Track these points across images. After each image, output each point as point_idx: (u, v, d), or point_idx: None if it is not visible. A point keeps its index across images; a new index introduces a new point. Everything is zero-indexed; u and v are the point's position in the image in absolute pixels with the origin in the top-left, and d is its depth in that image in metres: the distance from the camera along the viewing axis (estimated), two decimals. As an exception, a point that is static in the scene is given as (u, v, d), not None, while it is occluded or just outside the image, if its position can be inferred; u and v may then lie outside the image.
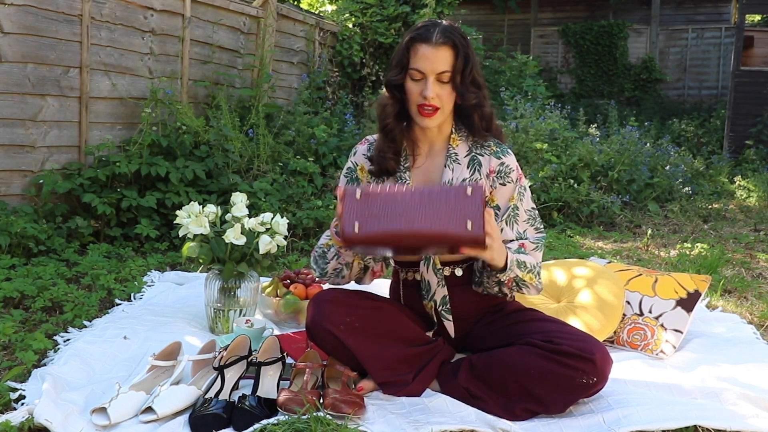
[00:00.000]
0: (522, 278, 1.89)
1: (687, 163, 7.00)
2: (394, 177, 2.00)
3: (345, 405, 1.74)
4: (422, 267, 2.01)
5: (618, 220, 5.24)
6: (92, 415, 1.75)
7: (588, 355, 1.79)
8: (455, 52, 1.86)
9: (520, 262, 1.87)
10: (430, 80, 1.87)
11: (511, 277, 1.88)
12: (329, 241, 1.98)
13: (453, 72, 1.87)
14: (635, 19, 12.36)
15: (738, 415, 1.81)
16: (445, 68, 1.86)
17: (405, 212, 1.71)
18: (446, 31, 1.87)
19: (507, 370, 1.85)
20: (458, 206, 1.71)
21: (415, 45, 1.89)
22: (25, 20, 3.72)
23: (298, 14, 6.58)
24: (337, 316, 1.90)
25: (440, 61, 1.86)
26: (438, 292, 2.01)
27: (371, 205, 1.73)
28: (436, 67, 1.86)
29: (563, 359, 1.79)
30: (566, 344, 1.81)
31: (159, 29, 4.68)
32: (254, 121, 5.04)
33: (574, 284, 2.49)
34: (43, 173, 3.82)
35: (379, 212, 1.72)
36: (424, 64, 1.87)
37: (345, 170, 2.12)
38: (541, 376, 1.80)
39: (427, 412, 1.81)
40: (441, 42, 1.86)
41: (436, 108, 1.89)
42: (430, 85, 1.87)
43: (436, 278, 2.00)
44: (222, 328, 2.47)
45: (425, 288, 2.02)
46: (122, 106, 4.41)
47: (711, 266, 3.60)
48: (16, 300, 2.75)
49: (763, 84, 9.02)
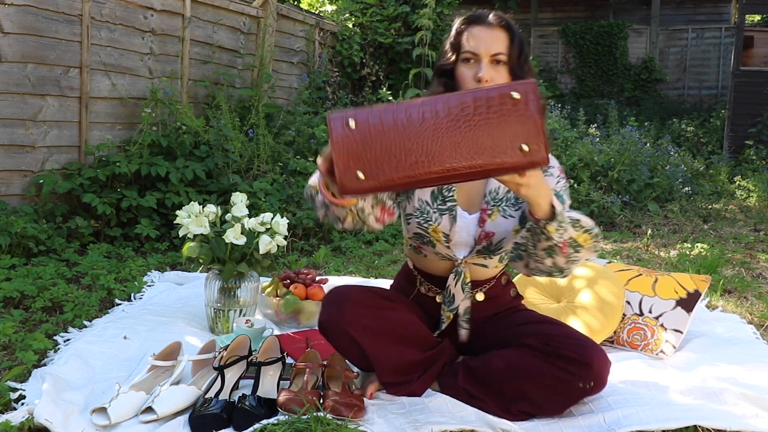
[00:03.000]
0: (576, 239, 1.67)
1: (687, 163, 7.00)
2: None
3: (345, 408, 1.74)
4: (450, 281, 1.92)
5: (618, 220, 5.24)
6: (92, 415, 1.75)
7: (586, 359, 1.75)
8: (510, 35, 1.79)
9: (573, 219, 1.68)
10: (485, 62, 1.77)
11: (566, 239, 1.65)
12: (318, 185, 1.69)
13: (509, 55, 1.78)
14: (635, 19, 12.36)
15: (738, 415, 1.81)
16: (500, 50, 1.77)
17: (428, 141, 1.34)
18: (501, 16, 1.81)
19: (504, 372, 1.83)
20: (504, 121, 1.35)
21: (468, 27, 1.81)
22: (25, 20, 3.72)
23: (298, 14, 6.58)
24: (355, 317, 1.84)
25: (496, 42, 1.77)
26: (462, 305, 1.94)
27: (376, 137, 1.37)
28: (491, 48, 1.77)
29: (561, 363, 1.77)
30: (564, 348, 1.77)
31: (159, 29, 4.68)
32: (254, 121, 5.04)
33: (575, 284, 2.49)
34: (43, 173, 3.82)
35: (390, 146, 1.36)
36: (478, 45, 1.77)
37: None
38: (538, 378, 1.78)
39: (427, 412, 1.81)
40: (496, 23, 1.79)
41: None
42: (484, 66, 1.77)
43: (463, 294, 1.93)
44: (222, 328, 2.47)
45: (448, 299, 1.94)
46: (122, 106, 4.41)
47: (711, 266, 3.60)
48: (16, 300, 2.75)
49: (763, 84, 9.02)
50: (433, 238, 1.87)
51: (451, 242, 1.88)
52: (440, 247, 1.89)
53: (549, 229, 1.63)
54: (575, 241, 1.68)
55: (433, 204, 1.87)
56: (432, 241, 1.88)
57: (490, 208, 1.85)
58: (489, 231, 1.85)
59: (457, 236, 1.87)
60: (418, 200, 1.88)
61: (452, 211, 1.86)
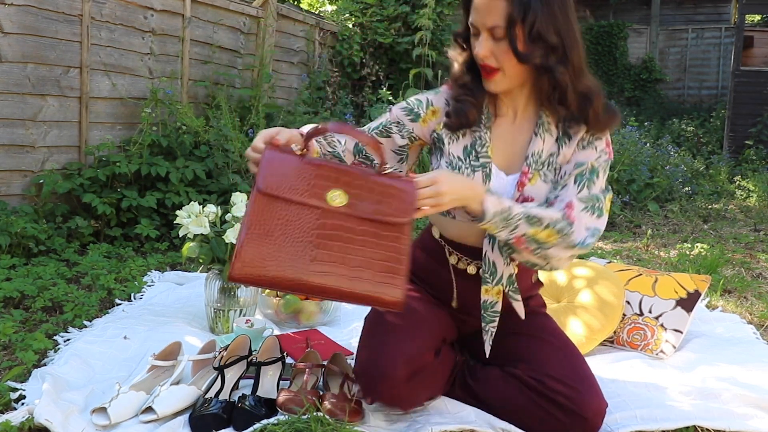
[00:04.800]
0: (534, 236, 1.58)
1: (687, 163, 7.01)
2: (472, 132, 1.71)
3: (341, 411, 1.74)
4: (485, 247, 1.71)
5: (618, 220, 5.24)
6: (92, 415, 1.75)
7: (581, 411, 1.63)
8: (509, 2, 1.54)
9: (530, 216, 1.57)
10: (483, 37, 1.60)
11: (518, 236, 1.58)
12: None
13: (507, 26, 1.55)
14: (635, 19, 12.36)
15: (738, 415, 1.81)
16: (495, 22, 1.56)
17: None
18: None
19: (493, 396, 1.77)
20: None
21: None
22: (25, 20, 3.72)
23: (298, 14, 6.58)
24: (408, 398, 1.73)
25: (491, 13, 1.56)
26: (505, 272, 1.72)
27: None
28: (486, 20, 1.58)
29: (553, 410, 1.66)
30: (559, 395, 1.65)
31: (159, 29, 4.68)
32: (254, 121, 5.04)
33: (575, 284, 2.49)
34: (43, 173, 3.82)
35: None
36: (476, 17, 1.60)
37: (411, 99, 1.79)
38: (530, 422, 1.69)
39: (426, 412, 1.81)
40: None
41: (494, 69, 1.61)
42: (481, 42, 1.60)
43: (502, 258, 1.71)
44: (222, 328, 2.47)
45: (489, 269, 1.72)
46: (122, 106, 4.41)
47: (711, 266, 3.60)
48: (16, 300, 2.75)
49: (763, 84, 9.02)
50: None
51: None
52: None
53: (486, 227, 1.57)
54: (533, 238, 1.58)
55: (466, 159, 1.71)
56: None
57: (531, 171, 1.67)
58: (528, 196, 1.67)
59: None
60: (449, 154, 1.72)
61: (485, 167, 1.69)
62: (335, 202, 1.47)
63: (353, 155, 1.75)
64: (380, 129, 1.77)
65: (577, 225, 1.60)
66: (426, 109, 1.76)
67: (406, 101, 1.79)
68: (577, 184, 1.65)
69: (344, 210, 1.47)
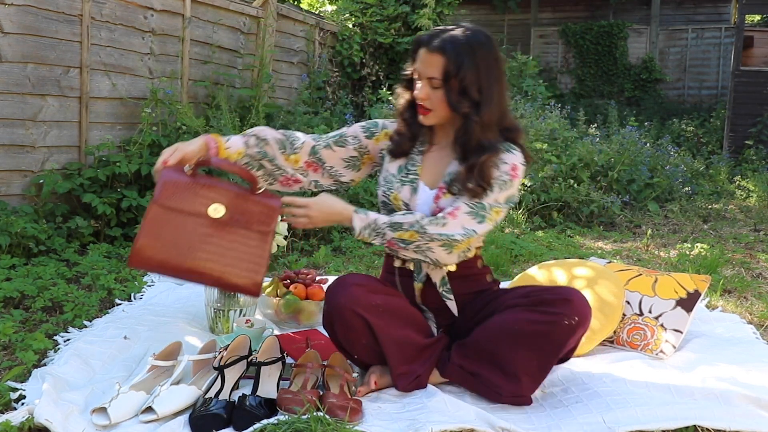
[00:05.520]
0: (400, 237, 1.91)
1: (687, 163, 7.01)
2: (407, 156, 2.07)
3: (341, 410, 1.74)
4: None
5: (618, 220, 5.24)
6: (92, 415, 1.75)
7: (565, 296, 1.91)
8: (446, 60, 1.88)
9: (394, 222, 1.91)
10: (422, 83, 1.94)
11: (390, 240, 1.92)
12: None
13: (443, 80, 1.91)
14: (635, 19, 12.36)
15: (738, 415, 1.81)
16: (434, 74, 1.91)
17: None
18: (446, 40, 1.90)
19: (492, 334, 1.93)
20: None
21: (417, 46, 1.97)
22: (25, 20, 3.72)
23: (298, 14, 6.58)
24: (366, 298, 1.90)
25: (431, 67, 1.91)
26: (435, 274, 2.03)
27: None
28: (426, 71, 1.93)
29: (543, 308, 1.89)
30: (543, 294, 1.94)
31: (159, 29, 4.68)
32: (254, 121, 5.04)
33: (575, 284, 2.48)
34: (43, 173, 3.82)
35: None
36: (419, 67, 1.95)
37: (370, 121, 2.18)
38: (526, 327, 1.88)
39: (426, 412, 1.81)
40: (434, 48, 1.90)
41: (428, 109, 1.97)
42: (420, 87, 1.95)
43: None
44: (222, 328, 2.47)
45: (417, 268, 2.05)
46: (122, 106, 4.41)
47: (711, 266, 3.60)
48: (16, 300, 2.75)
49: (763, 84, 9.02)
50: (394, 205, 2.04)
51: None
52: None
53: (361, 238, 1.94)
54: (399, 239, 1.92)
55: (398, 175, 2.06)
56: (394, 209, 2.04)
57: (446, 187, 1.99)
58: (442, 206, 1.99)
59: (417, 208, 2.01)
60: (386, 170, 2.09)
61: (413, 183, 2.03)
62: (216, 213, 1.88)
63: (308, 155, 2.09)
64: (336, 138, 2.12)
65: (455, 222, 1.92)
66: (380, 131, 2.13)
67: (365, 122, 2.16)
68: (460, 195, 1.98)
69: (222, 219, 1.88)
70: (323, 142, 2.10)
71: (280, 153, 2.06)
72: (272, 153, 2.05)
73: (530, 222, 5.00)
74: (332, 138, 2.12)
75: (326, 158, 2.10)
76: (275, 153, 2.06)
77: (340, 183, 2.17)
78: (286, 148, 2.07)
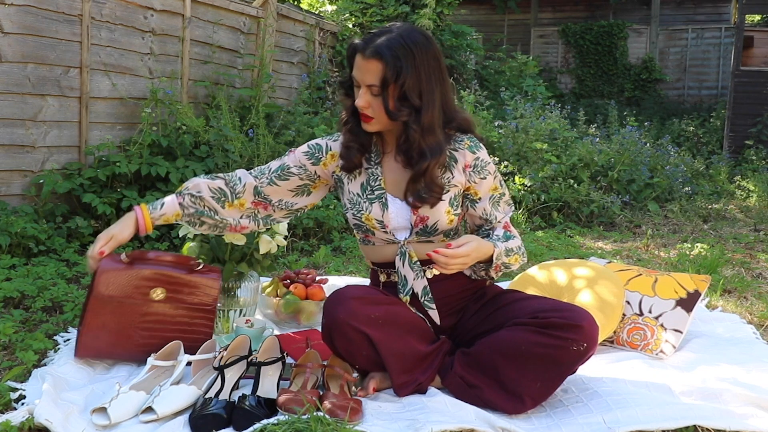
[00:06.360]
0: (509, 263, 2.00)
1: (687, 163, 7.01)
2: (366, 170, 2.02)
3: (341, 410, 1.74)
4: (398, 263, 2.01)
5: (618, 220, 5.24)
6: (92, 415, 1.75)
7: (575, 323, 1.83)
8: (384, 66, 1.83)
9: (508, 249, 1.98)
10: (362, 90, 1.88)
11: (498, 264, 1.97)
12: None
13: (381, 87, 1.85)
14: (635, 19, 12.37)
15: (738, 415, 1.81)
16: (372, 82, 1.85)
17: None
18: (382, 45, 1.83)
19: (498, 351, 1.87)
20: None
21: (353, 52, 1.91)
22: (25, 20, 3.72)
23: (298, 14, 6.58)
24: (361, 310, 1.86)
25: (369, 74, 1.85)
26: (417, 284, 2.00)
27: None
28: (365, 79, 1.87)
29: (552, 332, 1.82)
30: (553, 317, 1.85)
31: (159, 29, 4.68)
32: (254, 121, 5.04)
33: (575, 284, 2.48)
34: (43, 173, 3.82)
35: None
36: (356, 74, 1.89)
37: (312, 144, 2.09)
38: (533, 350, 1.82)
39: (426, 412, 1.81)
40: (370, 55, 1.84)
41: (370, 116, 1.91)
42: (360, 94, 1.89)
43: (413, 272, 2.00)
44: (222, 328, 2.47)
45: (401, 282, 2.01)
46: (122, 106, 4.41)
47: (711, 266, 3.60)
48: (16, 300, 2.75)
49: (763, 84, 9.02)
50: (368, 226, 2.00)
51: (387, 228, 2.00)
52: (379, 233, 2.01)
53: (489, 271, 2.00)
54: (506, 264, 2.00)
55: (363, 194, 2.01)
56: (369, 229, 2.01)
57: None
58: (423, 216, 1.98)
59: (393, 221, 1.99)
60: (349, 192, 2.04)
61: (381, 198, 1.99)
62: (156, 297, 2.04)
63: (253, 195, 2.08)
64: (279, 173, 2.08)
65: (514, 231, 2.05)
66: (325, 154, 2.07)
67: (308, 145, 2.09)
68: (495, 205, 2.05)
69: (164, 301, 2.04)
70: (266, 179, 2.06)
71: (221, 204, 2.05)
72: (211, 207, 2.04)
73: (530, 222, 5.00)
74: (274, 173, 2.07)
75: (271, 195, 2.08)
76: (214, 206, 2.04)
77: (295, 212, 2.14)
78: (228, 197, 2.05)
